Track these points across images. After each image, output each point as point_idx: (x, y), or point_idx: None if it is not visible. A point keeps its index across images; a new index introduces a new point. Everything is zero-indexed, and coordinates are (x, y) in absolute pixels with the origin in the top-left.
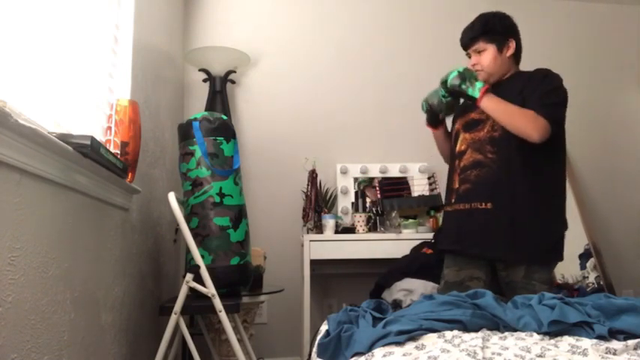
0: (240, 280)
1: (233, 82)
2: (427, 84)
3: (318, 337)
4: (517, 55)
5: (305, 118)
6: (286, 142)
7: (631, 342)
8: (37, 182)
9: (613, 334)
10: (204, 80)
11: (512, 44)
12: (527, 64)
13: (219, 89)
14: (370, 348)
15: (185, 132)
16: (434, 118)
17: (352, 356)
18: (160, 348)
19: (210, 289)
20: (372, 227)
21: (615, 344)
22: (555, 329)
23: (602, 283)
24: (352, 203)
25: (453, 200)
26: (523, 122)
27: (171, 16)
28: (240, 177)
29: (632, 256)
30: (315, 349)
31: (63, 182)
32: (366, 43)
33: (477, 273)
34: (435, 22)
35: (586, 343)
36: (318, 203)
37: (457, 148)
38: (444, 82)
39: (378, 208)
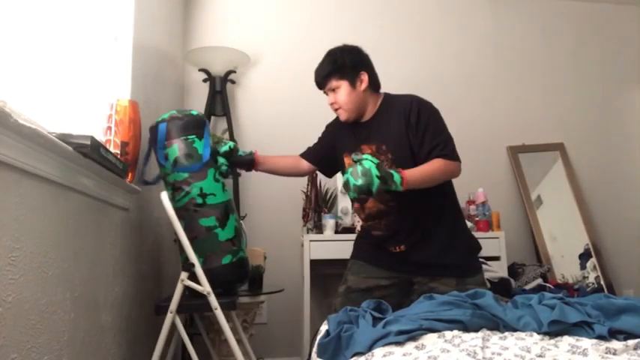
0: (236, 278)
1: (233, 82)
2: (427, 84)
3: (318, 337)
4: (374, 85)
5: (305, 118)
6: (286, 141)
7: (631, 342)
8: (37, 182)
9: (613, 334)
10: (204, 80)
11: (365, 77)
12: (527, 64)
13: (219, 89)
14: (370, 348)
15: (154, 135)
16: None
17: (352, 356)
18: (156, 347)
19: (205, 286)
20: None
21: (615, 344)
22: (555, 329)
23: (602, 283)
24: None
25: (368, 229)
26: (442, 176)
27: (171, 16)
28: (221, 173)
29: (632, 256)
30: (315, 349)
31: (63, 182)
32: (366, 43)
33: (384, 282)
34: (434, 22)
35: (586, 343)
36: (318, 203)
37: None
38: (367, 191)
39: None
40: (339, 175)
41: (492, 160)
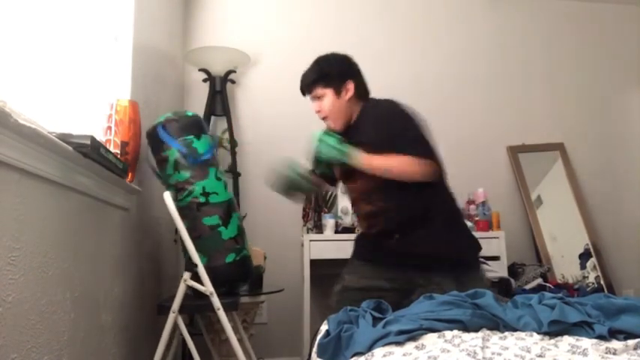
0: (239, 277)
1: (233, 82)
2: (427, 84)
3: (318, 337)
4: (361, 93)
5: (305, 118)
6: (286, 142)
7: (631, 342)
8: (37, 182)
9: (613, 334)
10: (204, 80)
11: (351, 86)
12: (527, 64)
13: (219, 89)
14: (370, 348)
15: (153, 139)
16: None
17: (352, 356)
18: (158, 347)
19: (207, 287)
20: None
21: (615, 344)
22: (555, 329)
23: (602, 283)
24: None
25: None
26: (407, 170)
27: (171, 16)
28: (223, 172)
29: (632, 256)
30: (315, 349)
31: (63, 182)
32: (366, 43)
33: (382, 283)
34: (435, 22)
35: (586, 343)
36: (318, 203)
37: (349, 196)
38: (316, 159)
39: None
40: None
41: (492, 160)
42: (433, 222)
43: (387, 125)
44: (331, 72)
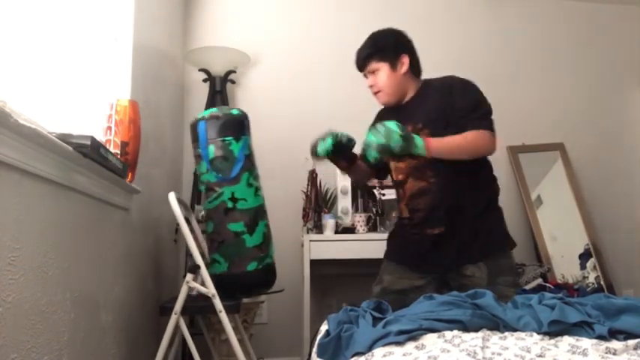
0: (260, 284)
1: (233, 82)
2: None
3: (318, 337)
4: (415, 69)
5: (305, 118)
6: (286, 142)
7: (631, 342)
8: (37, 182)
9: (613, 334)
10: (204, 80)
11: (406, 60)
12: (527, 64)
13: (219, 89)
14: (370, 348)
15: (193, 133)
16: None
17: (352, 356)
18: (160, 348)
19: (210, 289)
20: (372, 227)
21: (615, 344)
22: (555, 329)
23: (602, 283)
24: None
25: (406, 224)
26: (475, 148)
27: (171, 16)
28: (257, 175)
29: (632, 256)
30: (315, 349)
31: (63, 182)
32: None
33: (419, 282)
34: (434, 22)
35: (586, 343)
36: (318, 203)
37: (394, 178)
38: (386, 149)
39: (378, 208)
40: (338, 174)
41: (492, 160)
42: (477, 205)
43: (457, 97)
44: (386, 45)
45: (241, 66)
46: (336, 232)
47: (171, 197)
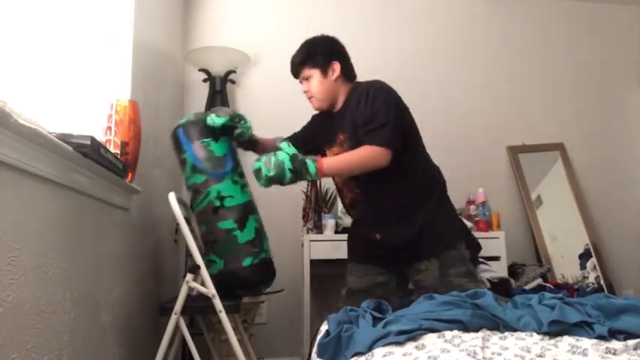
0: (259, 280)
1: (233, 82)
2: (427, 84)
3: (318, 337)
4: (347, 75)
5: (305, 118)
6: None
7: (631, 342)
8: (37, 182)
9: (613, 334)
10: (204, 80)
11: (337, 66)
12: (527, 64)
13: (219, 89)
14: (370, 348)
15: (174, 141)
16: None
17: (352, 356)
18: (160, 348)
19: (210, 289)
20: None
21: (615, 344)
22: (555, 329)
23: (602, 283)
24: None
25: (353, 223)
26: (365, 163)
27: (171, 16)
28: (242, 173)
29: (632, 256)
30: (315, 349)
31: (63, 182)
32: (366, 43)
33: (380, 278)
34: (434, 23)
35: (586, 343)
36: (318, 203)
37: (335, 183)
38: (278, 182)
39: None
40: None
41: (492, 160)
42: (418, 214)
43: (365, 106)
44: (316, 52)
45: (241, 66)
46: (336, 232)
47: (171, 197)
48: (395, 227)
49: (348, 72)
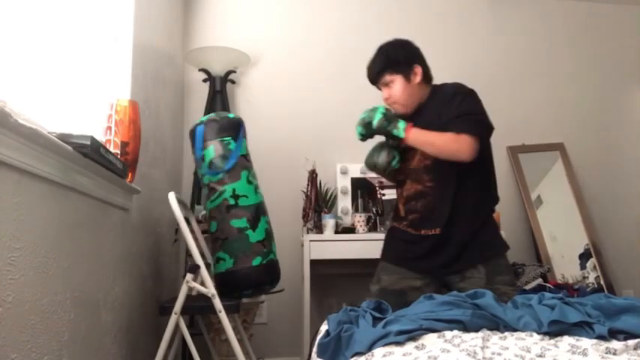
0: (265, 280)
1: (233, 82)
2: None
3: (318, 337)
4: (427, 78)
5: (305, 118)
6: (286, 142)
7: (631, 342)
8: (37, 182)
9: (613, 334)
10: (204, 80)
11: (419, 70)
12: (527, 64)
13: (219, 89)
14: (370, 348)
15: (192, 138)
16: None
17: (352, 356)
18: (160, 348)
19: (210, 289)
20: (372, 227)
21: (615, 344)
22: (555, 329)
23: (602, 283)
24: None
25: (403, 225)
26: (448, 147)
27: (171, 16)
28: (254, 175)
29: (632, 256)
30: (315, 349)
31: (63, 182)
32: (367, 43)
33: (417, 283)
34: (435, 23)
35: (586, 343)
36: (318, 203)
37: (396, 176)
38: (367, 124)
39: (378, 208)
40: (339, 175)
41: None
42: (475, 210)
43: (454, 104)
44: (398, 58)
45: (241, 66)
46: (336, 232)
47: (171, 197)
48: (455, 225)
49: (427, 74)
